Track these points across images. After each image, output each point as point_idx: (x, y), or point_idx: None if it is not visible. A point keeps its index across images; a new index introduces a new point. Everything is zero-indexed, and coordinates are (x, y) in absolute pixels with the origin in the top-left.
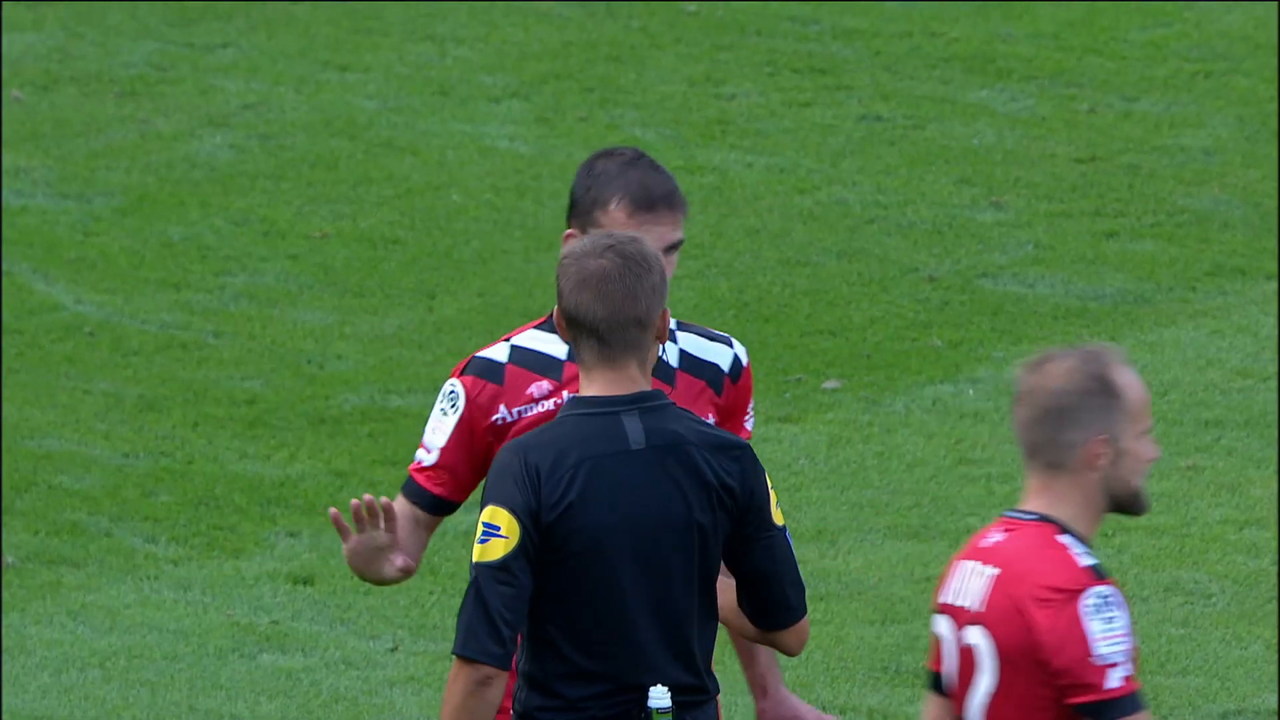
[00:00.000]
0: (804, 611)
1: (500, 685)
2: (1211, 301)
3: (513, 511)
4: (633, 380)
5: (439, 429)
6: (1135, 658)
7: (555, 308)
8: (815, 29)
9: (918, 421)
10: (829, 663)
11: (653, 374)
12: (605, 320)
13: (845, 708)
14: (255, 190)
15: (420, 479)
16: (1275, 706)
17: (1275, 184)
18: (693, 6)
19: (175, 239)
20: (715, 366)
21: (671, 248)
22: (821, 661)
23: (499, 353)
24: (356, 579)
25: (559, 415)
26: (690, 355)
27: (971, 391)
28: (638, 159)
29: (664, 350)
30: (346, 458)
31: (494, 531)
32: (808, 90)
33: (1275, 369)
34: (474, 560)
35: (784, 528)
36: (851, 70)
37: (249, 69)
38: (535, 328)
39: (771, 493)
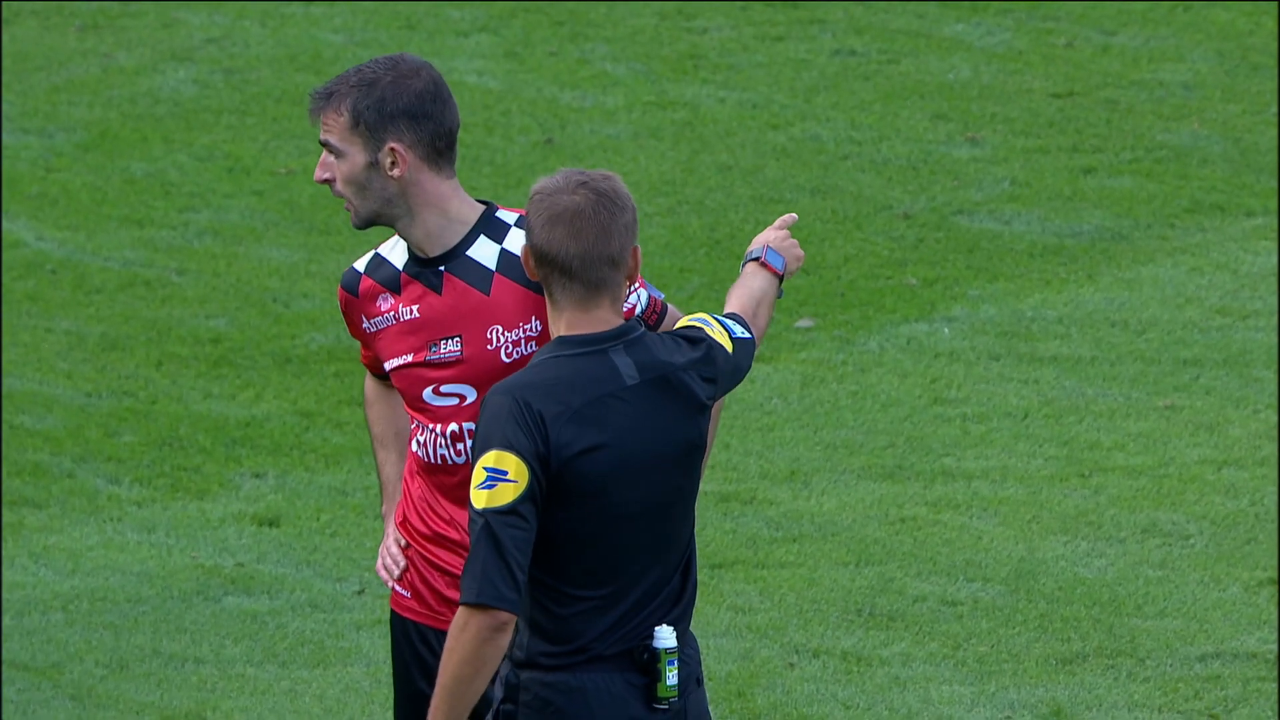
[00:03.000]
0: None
1: (510, 632)
2: (1190, 238)
3: (520, 455)
4: (606, 319)
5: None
6: None
7: (524, 243)
8: None
9: (892, 361)
10: (801, 605)
11: (464, 279)
12: (578, 258)
13: (818, 650)
14: (219, 126)
15: (365, 360)
16: (1253, 649)
17: (1255, 119)
18: None
19: (138, 175)
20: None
21: (325, 147)
22: (794, 604)
23: (362, 263)
24: (324, 520)
25: (545, 355)
26: (510, 256)
27: (947, 330)
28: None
29: (480, 253)
30: (312, 397)
31: (501, 476)
32: (780, 24)
33: (1254, 307)
34: (479, 506)
35: (731, 329)
36: (825, 3)
37: (212, 2)
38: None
39: (712, 332)
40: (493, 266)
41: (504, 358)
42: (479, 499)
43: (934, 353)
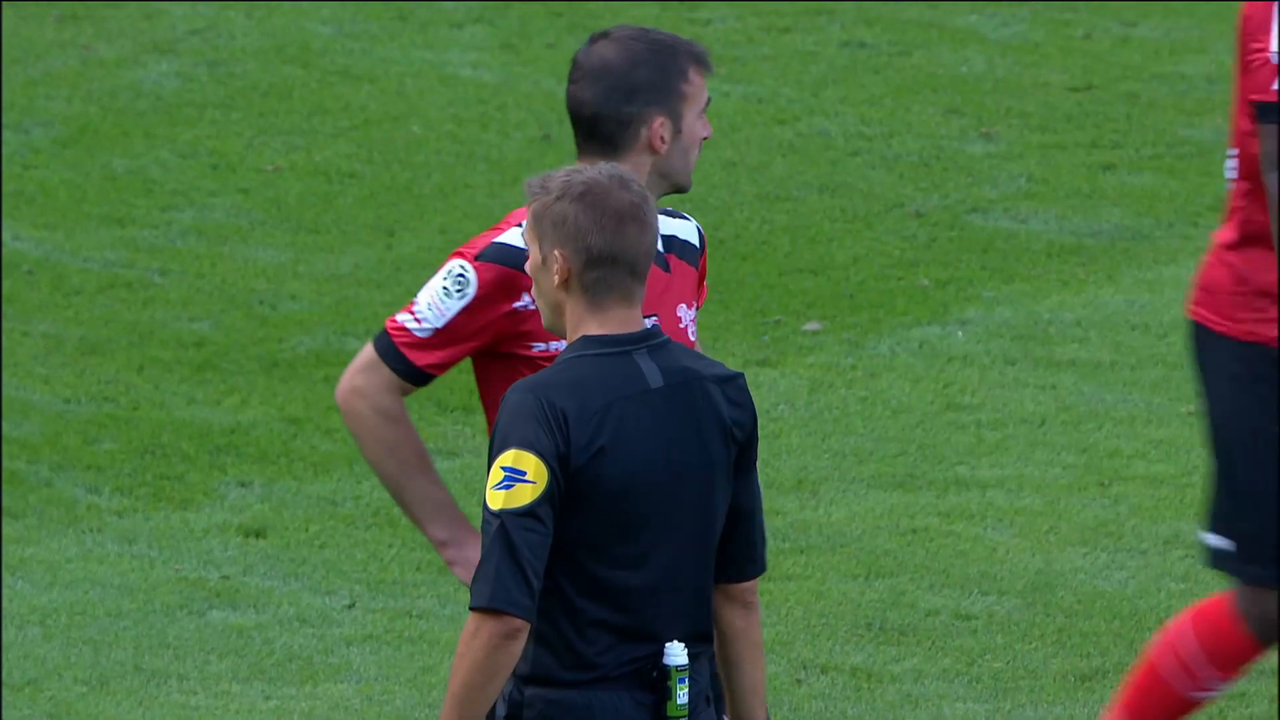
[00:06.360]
0: (765, 567)
1: (524, 639)
2: None
3: (541, 456)
4: (637, 318)
5: (437, 308)
6: None
7: (556, 245)
8: None
9: (903, 365)
10: (809, 619)
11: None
12: (647, 253)
13: (826, 666)
14: (203, 121)
15: (405, 349)
16: (1278, 666)
17: None
18: None
19: (119, 172)
20: (691, 245)
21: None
22: (802, 618)
23: (517, 237)
24: (312, 531)
25: (569, 355)
26: (676, 239)
27: (960, 333)
28: (656, 31)
29: None
30: (300, 403)
31: (519, 476)
32: (787, 15)
33: None
34: (495, 507)
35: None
36: None
37: None
38: None
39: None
40: (661, 247)
41: (691, 337)
42: (495, 499)
43: (947, 357)
